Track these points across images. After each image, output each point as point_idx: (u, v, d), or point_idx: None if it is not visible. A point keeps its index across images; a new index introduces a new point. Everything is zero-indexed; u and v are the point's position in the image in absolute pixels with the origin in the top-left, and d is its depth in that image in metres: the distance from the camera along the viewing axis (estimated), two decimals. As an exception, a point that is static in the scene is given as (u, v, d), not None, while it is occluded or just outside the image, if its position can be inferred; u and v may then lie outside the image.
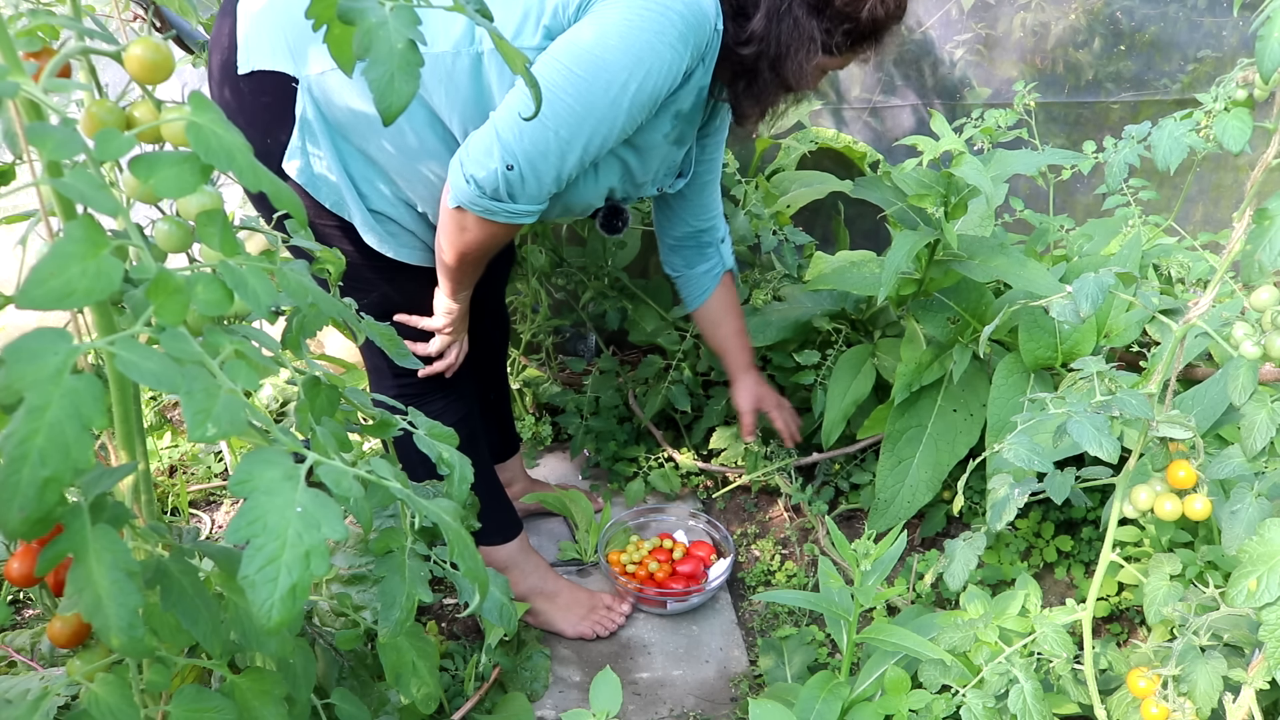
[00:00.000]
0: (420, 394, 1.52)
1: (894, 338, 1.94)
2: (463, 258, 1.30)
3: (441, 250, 1.31)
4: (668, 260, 1.72)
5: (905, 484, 1.77)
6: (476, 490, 1.63)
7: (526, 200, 1.20)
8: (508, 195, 1.19)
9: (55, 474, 0.52)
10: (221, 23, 1.28)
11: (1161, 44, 2.11)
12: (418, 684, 0.94)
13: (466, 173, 1.17)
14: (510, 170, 1.16)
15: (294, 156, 1.26)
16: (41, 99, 0.60)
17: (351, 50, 0.63)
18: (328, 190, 1.29)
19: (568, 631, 1.70)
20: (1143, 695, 1.02)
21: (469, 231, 1.25)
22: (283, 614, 0.56)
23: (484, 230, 1.24)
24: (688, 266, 1.70)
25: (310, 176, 1.27)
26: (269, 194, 0.67)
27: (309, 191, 1.29)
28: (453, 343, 1.49)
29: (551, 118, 1.14)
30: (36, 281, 0.54)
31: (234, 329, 0.71)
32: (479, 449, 1.63)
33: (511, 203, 1.20)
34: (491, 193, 1.18)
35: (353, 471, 0.66)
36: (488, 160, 1.16)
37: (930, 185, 1.63)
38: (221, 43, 1.27)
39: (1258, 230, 0.87)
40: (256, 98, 1.25)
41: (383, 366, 1.51)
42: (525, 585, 1.69)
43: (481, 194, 1.18)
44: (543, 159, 1.16)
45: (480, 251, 1.30)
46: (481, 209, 1.20)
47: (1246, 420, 0.98)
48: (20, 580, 0.78)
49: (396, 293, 1.43)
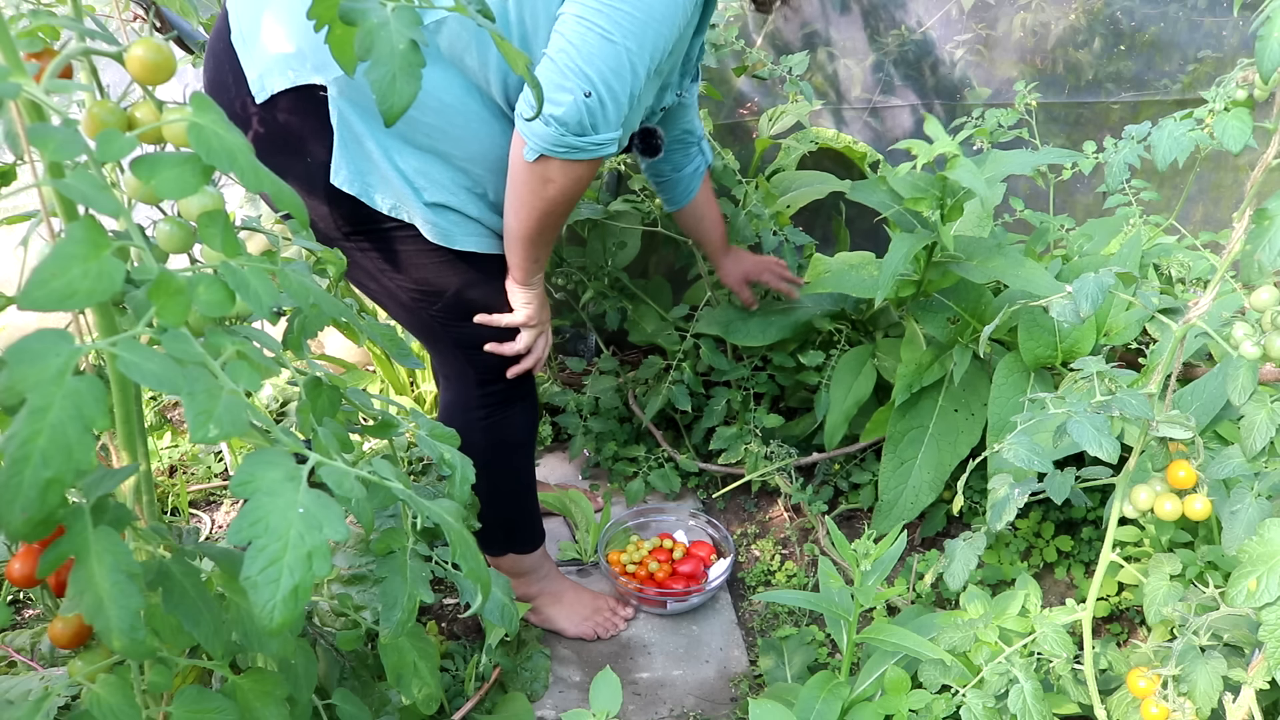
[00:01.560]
0: (505, 401, 1.48)
1: (895, 338, 1.94)
2: (545, 218, 1.24)
3: (517, 222, 1.25)
4: (656, 168, 1.71)
5: (908, 485, 1.78)
6: (523, 499, 1.61)
7: (607, 128, 1.16)
8: (590, 127, 1.15)
9: (57, 475, 0.52)
10: (217, 67, 1.23)
11: (1162, 44, 2.11)
12: (419, 684, 0.94)
13: (545, 115, 1.13)
14: (589, 97, 1.12)
15: (340, 168, 1.22)
16: (43, 100, 0.60)
17: (353, 51, 0.63)
18: (382, 192, 1.25)
19: (569, 631, 1.70)
20: (1143, 695, 1.02)
21: (554, 183, 1.19)
22: (285, 615, 0.56)
23: (570, 175, 1.19)
24: (676, 170, 1.70)
25: (362, 184, 1.24)
26: (271, 195, 0.67)
27: (364, 200, 1.25)
28: (539, 335, 1.44)
29: (617, 31, 1.10)
30: (38, 283, 0.54)
31: (236, 330, 0.71)
32: (534, 461, 1.63)
33: (595, 134, 1.16)
34: (575, 127, 1.14)
35: (354, 472, 0.66)
36: (562, 94, 1.11)
37: (925, 189, 1.63)
38: (226, 87, 1.22)
39: (1258, 230, 0.87)
40: (284, 120, 1.21)
41: (469, 374, 1.46)
42: (537, 588, 1.70)
43: (565, 131, 1.13)
44: (617, 77, 1.12)
45: (566, 204, 1.24)
46: (566, 149, 1.15)
47: (1246, 420, 0.98)
48: (22, 581, 0.78)
49: (472, 288, 1.37)
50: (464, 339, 1.41)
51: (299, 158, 1.23)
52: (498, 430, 1.49)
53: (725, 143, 2.26)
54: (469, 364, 1.44)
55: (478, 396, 1.47)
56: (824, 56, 2.24)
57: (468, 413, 1.48)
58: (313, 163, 1.22)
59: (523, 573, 1.67)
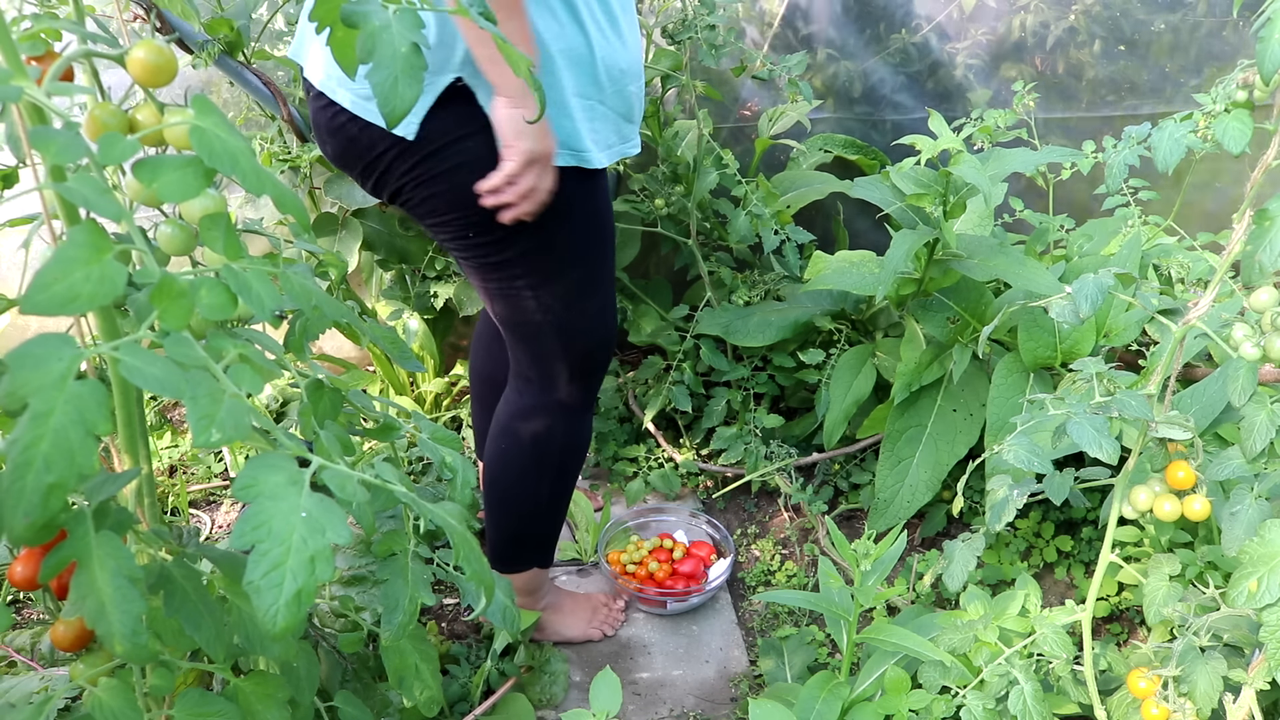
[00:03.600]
0: (582, 408, 1.45)
1: (894, 338, 1.94)
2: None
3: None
4: None
5: (905, 484, 1.78)
6: (557, 514, 1.54)
7: None
8: None
9: (60, 480, 0.52)
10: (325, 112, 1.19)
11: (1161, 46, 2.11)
12: (420, 686, 0.94)
13: None
14: None
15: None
16: (45, 103, 0.60)
17: (354, 54, 0.63)
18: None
19: (577, 638, 1.69)
20: (1143, 696, 1.02)
21: None
22: (288, 619, 0.56)
23: None
24: None
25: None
26: (273, 198, 0.67)
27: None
28: (542, 171, 1.18)
29: None
30: (40, 286, 0.54)
31: (237, 332, 0.71)
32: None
33: None
34: None
35: (357, 475, 0.66)
36: None
37: (928, 184, 1.63)
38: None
39: (1258, 231, 0.88)
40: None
41: (558, 371, 1.39)
42: (544, 602, 1.67)
43: None
44: None
45: None
46: None
47: (1246, 421, 0.98)
48: (24, 584, 0.78)
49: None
50: (563, 323, 1.33)
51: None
52: (572, 435, 1.46)
53: (725, 143, 2.26)
54: (564, 357, 1.37)
55: (559, 400, 1.41)
56: (824, 57, 2.24)
57: (550, 415, 1.43)
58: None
59: (535, 589, 1.63)
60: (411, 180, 1.21)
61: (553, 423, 1.43)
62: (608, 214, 1.35)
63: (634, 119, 1.31)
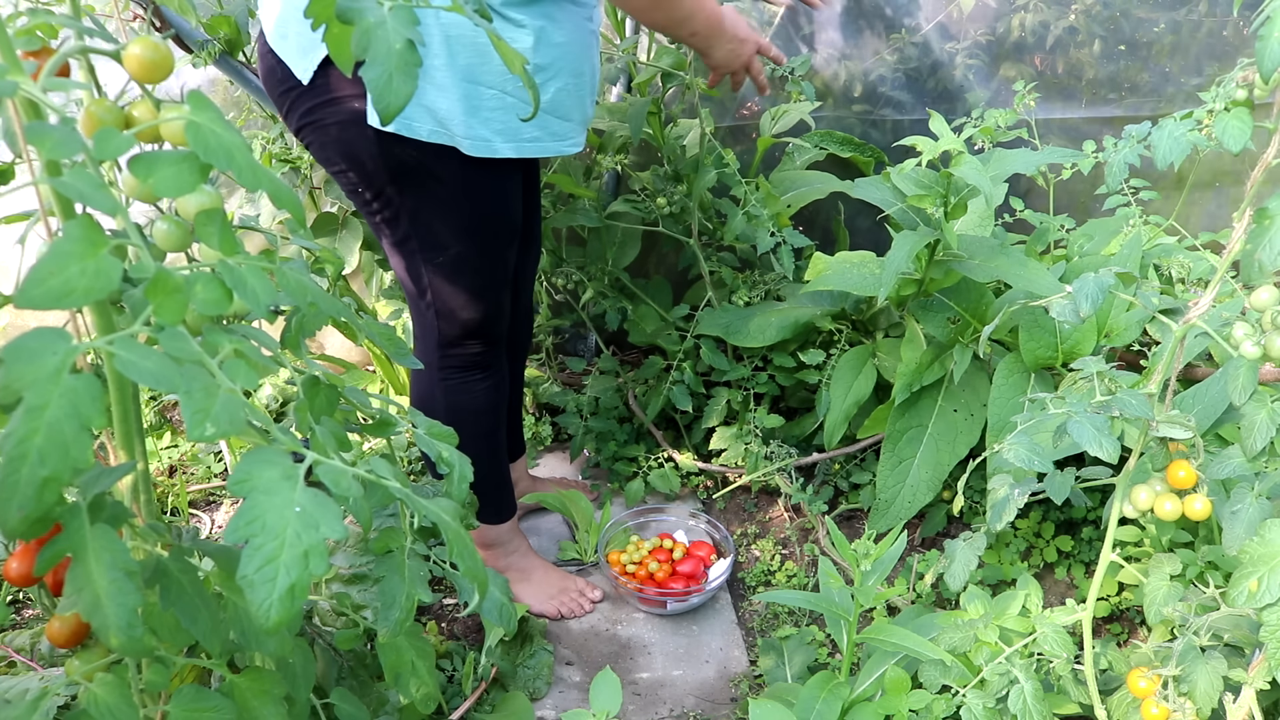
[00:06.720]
0: (464, 367, 1.52)
1: (895, 338, 1.94)
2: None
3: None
4: None
5: (906, 484, 1.77)
6: (487, 466, 1.62)
7: None
8: None
9: (54, 473, 0.52)
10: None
11: (1162, 46, 2.11)
12: (417, 684, 0.94)
13: None
14: None
15: None
16: (40, 98, 0.60)
17: (349, 50, 0.63)
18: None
19: (534, 608, 1.72)
20: (1143, 695, 1.02)
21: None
22: (281, 614, 0.56)
23: None
24: None
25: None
26: (269, 194, 0.67)
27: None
28: (751, 54, 1.57)
29: None
30: (35, 281, 0.54)
31: (233, 328, 0.70)
32: (501, 435, 1.66)
33: None
34: None
35: (352, 471, 0.66)
36: None
37: (929, 185, 1.63)
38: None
39: (1258, 230, 0.87)
40: None
41: (432, 330, 1.49)
42: (504, 562, 1.72)
43: None
44: None
45: None
46: None
47: (1246, 420, 0.98)
48: (19, 580, 0.78)
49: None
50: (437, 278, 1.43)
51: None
52: (455, 394, 1.53)
53: (727, 143, 2.26)
54: (437, 325, 1.47)
55: (439, 357, 1.50)
56: (825, 58, 2.24)
57: (430, 373, 1.52)
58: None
59: (490, 544, 1.70)
60: (309, 123, 1.31)
61: (437, 379, 1.52)
62: (499, 205, 1.40)
63: (567, 116, 1.37)
